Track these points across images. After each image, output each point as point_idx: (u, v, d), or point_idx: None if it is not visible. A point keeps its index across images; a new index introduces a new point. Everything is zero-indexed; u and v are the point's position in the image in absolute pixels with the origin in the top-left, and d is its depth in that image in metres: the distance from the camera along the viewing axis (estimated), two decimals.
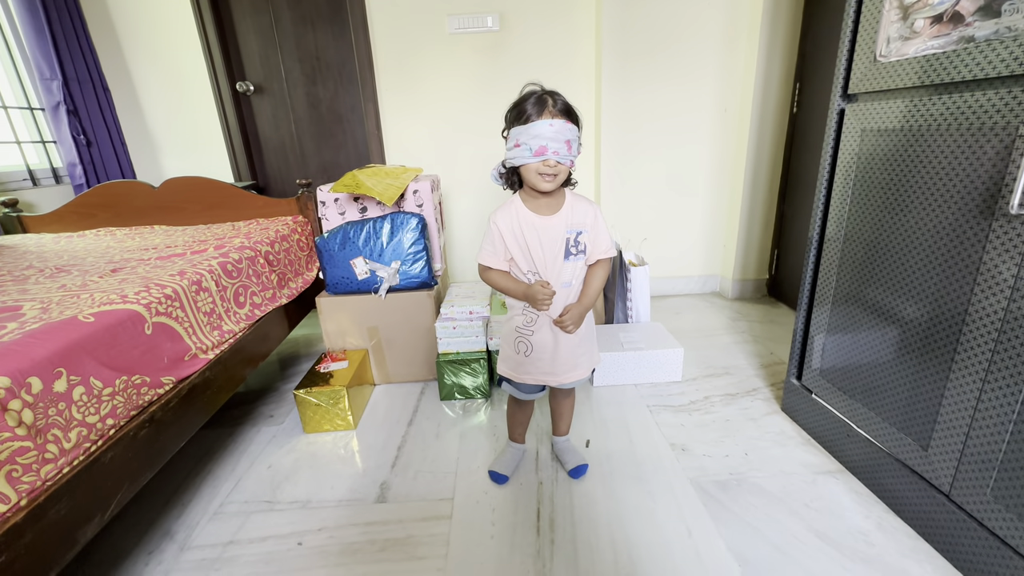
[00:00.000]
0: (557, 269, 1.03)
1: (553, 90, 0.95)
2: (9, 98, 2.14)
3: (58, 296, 1.08)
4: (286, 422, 1.57)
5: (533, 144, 0.91)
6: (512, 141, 0.95)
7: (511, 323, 1.11)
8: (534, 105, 0.92)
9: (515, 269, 1.06)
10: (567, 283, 1.04)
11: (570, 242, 1.02)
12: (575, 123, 0.95)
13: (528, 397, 1.18)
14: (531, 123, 0.91)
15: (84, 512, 0.80)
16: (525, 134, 0.92)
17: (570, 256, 1.03)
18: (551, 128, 0.90)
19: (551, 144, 0.91)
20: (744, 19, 2.16)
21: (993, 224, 0.83)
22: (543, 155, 0.91)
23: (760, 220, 2.37)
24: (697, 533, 1.06)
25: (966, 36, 0.85)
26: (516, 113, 0.95)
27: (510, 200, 1.04)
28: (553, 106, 0.92)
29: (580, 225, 1.03)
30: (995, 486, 0.86)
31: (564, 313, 1.05)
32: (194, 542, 1.10)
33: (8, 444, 0.69)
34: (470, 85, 2.38)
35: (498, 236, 1.03)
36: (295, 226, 1.90)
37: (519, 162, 0.95)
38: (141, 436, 0.95)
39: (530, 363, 1.10)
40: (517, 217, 1.02)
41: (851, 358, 1.19)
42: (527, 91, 0.95)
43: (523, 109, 0.93)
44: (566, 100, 0.94)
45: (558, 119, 0.91)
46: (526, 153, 0.93)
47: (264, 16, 2.43)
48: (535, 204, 1.02)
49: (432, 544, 1.06)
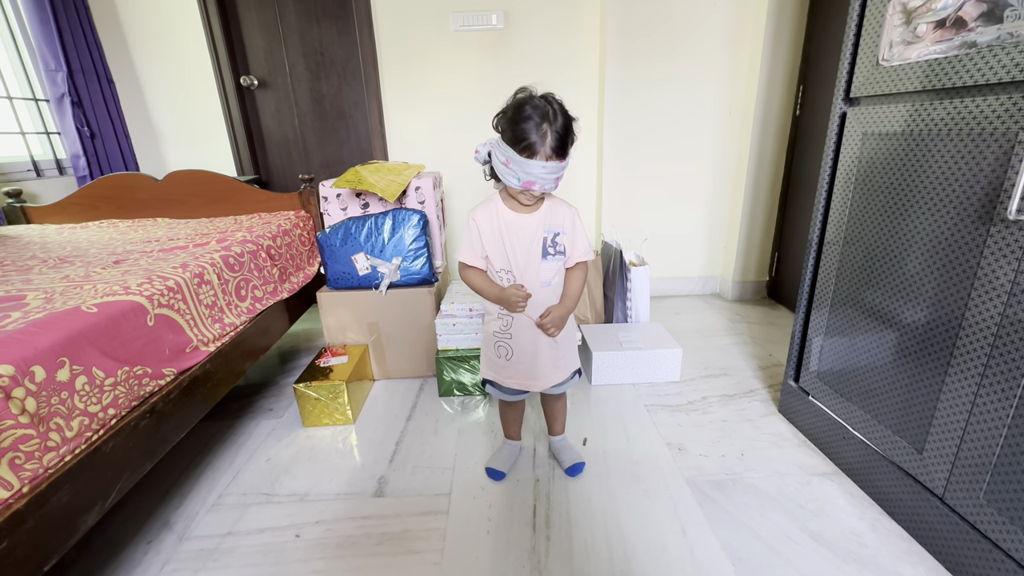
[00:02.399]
0: (535, 268, 1.03)
1: (553, 105, 0.90)
2: (14, 89, 2.15)
3: (61, 286, 1.09)
4: (285, 416, 1.58)
5: (523, 176, 0.92)
6: (503, 157, 0.93)
7: (488, 328, 1.13)
8: (535, 136, 0.88)
9: (489, 267, 1.07)
10: (546, 283, 1.05)
11: (547, 242, 1.03)
12: (569, 143, 0.93)
13: (513, 399, 1.19)
14: (526, 159, 0.89)
15: (85, 500, 0.81)
16: (518, 166, 0.91)
17: (548, 256, 1.04)
18: (543, 170, 0.90)
19: (539, 180, 0.92)
20: (748, 22, 2.15)
21: (991, 229, 0.83)
22: (530, 188, 0.93)
23: (761, 222, 2.37)
24: (692, 532, 1.06)
25: (968, 41, 0.85)
26: (514, 135, 0.90)
27: (491, 198, 1.06)
28: (552, 143, 0.88)
29: (558, 226, 1.04)
30: (989, 490, 0.87)
31: (546, 315, 1.05)
32: (193, 533, 1.11)
33: (11, 432, 0.70)
34: (473, 83, 2.38)
35: (476, 233, 1.04)
36: (297, 221, 1.91)
37: (504, 182, 0.96)
38: (142, 426, 0.95)
39: (511, 367, 1.12)
40: (496, 214, 1.03)
41: (848, 361, 1.19)
42: (526, 104, 0.90)
43: (522, 135, 0.88)
44: (564, 122, 0.90)
45: (552, 160, 0.90)
46: (514, 180, 0.93)
47: (269, 10, 2.43)
48: (515, 203, 1.02)
49: (429, 538, 1.07)
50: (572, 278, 1.09)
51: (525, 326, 1.07)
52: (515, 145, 0.90)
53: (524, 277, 1.04)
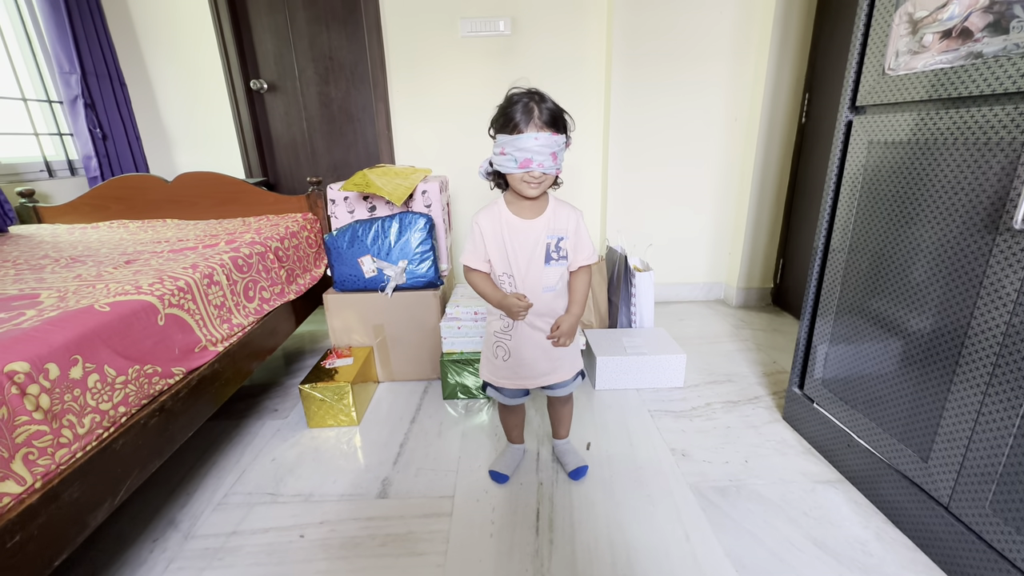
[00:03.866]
0: (538, 273, 1.04)
1: (539, 93, 0.94)
2: (29, 90, 2.18)
3: (74, 285, 1.10)
4: (290, 416, 1.59)
5: (519, 156, 0.92)
6: (498, 147, 0.96)
7: (490, 327, 1.13)
8: (522, 114, 0.92)
9: (492, 271, 1.08)
10: (551, 287, 1.05)
11: (551, 247, 1.03)
12: (563, 129, 0.95)
13: (512, 401, 1.19)
14: (517, 135, 0.91)
15: (95, 496, 0.82)
16: (511, 145, 0.93)
17: (551, 261, 1.04)
18: (536, 142, 0.91)
19: (536, 157, 0.92)
20: (755, 29, 2.17)
21: (997, 239, 0.83)
22: (528, 167, 0.93)
23: (766, 229, 2.37)
24: (695, 538, 1.06)
25: (974, 52, 0.86)
26: (504, 120, 0.94)
27: (494, 201, 1.06)
28: (539, 117, 0.91)
29: (561, 231, 1.04)
30: (994, 499, 0.86)
31: (556, 328, 1.07)
32: (198, 531, 1.12)
33: (25, 428, 0.71)
34: (481, 89, 2.40)
35: (479, 236, 1.05)
36: (305, 223, 1.93)
37: (504, 170, 0.96)
38: (151, 425, 0.97)
39: (508, 368, 1.12)
40: (499, 219, 1.03)
41: (853, 368, 1.19)
42: (513, 95, 0.94)
43: (510, 116, 0.93)
44: (553, 106, 0.94)
45: (544, 132, 0.91)
46: (511, 164, 0.94)
47: (280, 15, 2.47)
48: (518, 207, 1.03)
49: (432, 540, 1.08)
50: (577, 284, 1.09)
51: (524, 326, 1.08)
52: (506, 127, 0.93)
53: (527, 282, 1.04)
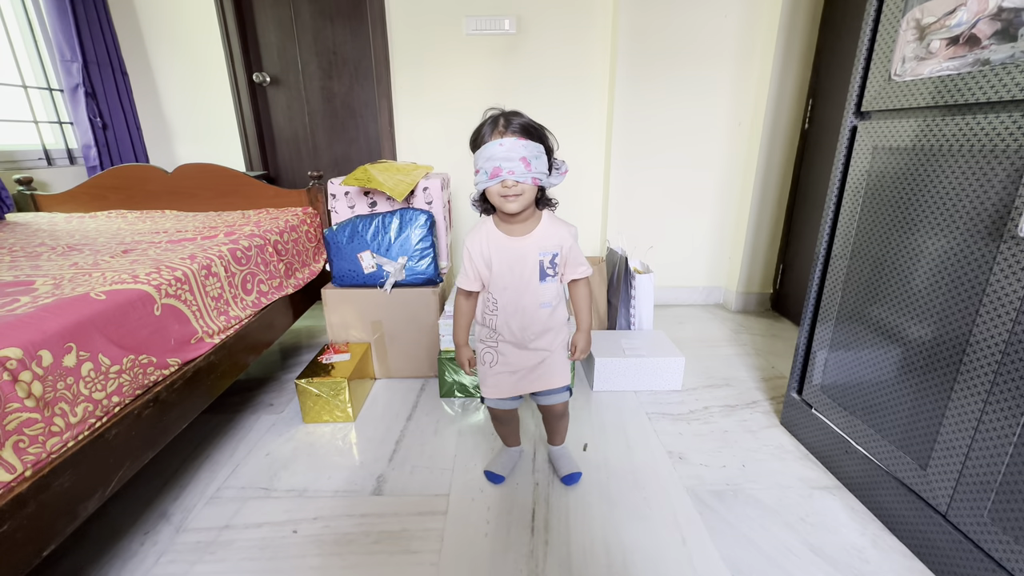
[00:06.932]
0: (533, 291, 1.03)
1: (513, 111, 0.93)
2: (29, 78, 2.17)
3: (70, 273, 1.09)
4: (286, 411, 1.58)
5: (487, 167, 0.91)
6: (474, 168, 0.96)
7: (476, 333, 1.14)
8: (488, 127, 0.92)
9: (483, 292, 1.08)
10: (547, 303, 1.05)
11: (544, 264, 1.02)
12: (537, 139, 0.93)
13: (506, 406, 1.18)
14: (483, 146, 0.92)
15: (86, 487, 0.81)
16: (480, 158, 0.93)
17: (547, 278, 1.03)
18: (501, 148, 0.89)
19: (504, 164, 0.89)
20: (760, 33, 2.17)
21: (1001, 247, 0.83)
22: (498, 176, 0.90)
23: (767, 234, 2.37)
24: (691, 541, 1.06)
25: (982, 59, 0.85)
26: (474, 138, 0.95)
27: (482, 221, 1.05)
28: (504, 126, 0.91)
29: (555, 248, 1.02)
30: (993, 508, 0.86)
31: (573, 349, 1.10)
32: (190, 525, 1.11)
33: (17, 415, 0.70)
34: (484, 87, 2.39)
35: (468, 259, 1.04)
36: (304, 217, 1.92)
37: (481, 187, 0.96)
38: (145, 415, 0.96)
39: (495, 374, 1.12)
40: (487, 238, 1.02)
41: (853, 375, 1.19)
42: (486, 116, 0.95)
43: (479, 131, 0.94)
44: (524, 120, 0.92)
45: (508, 138, 0.90)
46: (483, 177, 0.93)
47: (284, 8, 2.46)
48: (507, 227, 1.02)
49: (426, 538, 1.07)
50: (578, 299, 1.10)
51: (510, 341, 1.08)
52: (476, 145, 0.94)
53: (523, 300, 1.03)
